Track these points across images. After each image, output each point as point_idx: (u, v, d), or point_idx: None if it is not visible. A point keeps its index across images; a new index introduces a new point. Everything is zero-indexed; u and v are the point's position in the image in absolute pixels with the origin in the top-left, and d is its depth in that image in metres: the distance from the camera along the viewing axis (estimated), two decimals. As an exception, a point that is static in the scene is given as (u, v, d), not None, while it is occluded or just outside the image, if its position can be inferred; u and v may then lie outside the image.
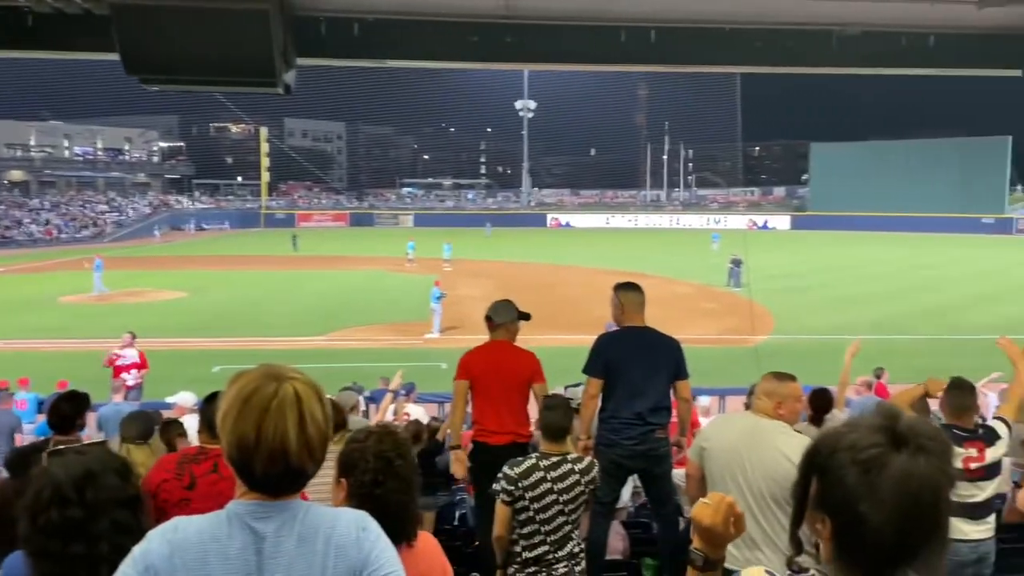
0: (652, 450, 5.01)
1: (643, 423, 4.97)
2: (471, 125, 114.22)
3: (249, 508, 1.70)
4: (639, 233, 69.15)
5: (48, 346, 18.95)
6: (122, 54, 4.30)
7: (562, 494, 3.89)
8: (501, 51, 5.36)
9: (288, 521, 1.70)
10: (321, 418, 1.71)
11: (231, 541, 1.66)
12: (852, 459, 1.31)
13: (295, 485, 1.73)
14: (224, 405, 1.70)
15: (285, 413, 1.66)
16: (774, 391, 3.83)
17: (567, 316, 21.91)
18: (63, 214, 65.31)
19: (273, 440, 1.64)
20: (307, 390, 1.71)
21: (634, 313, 5.24)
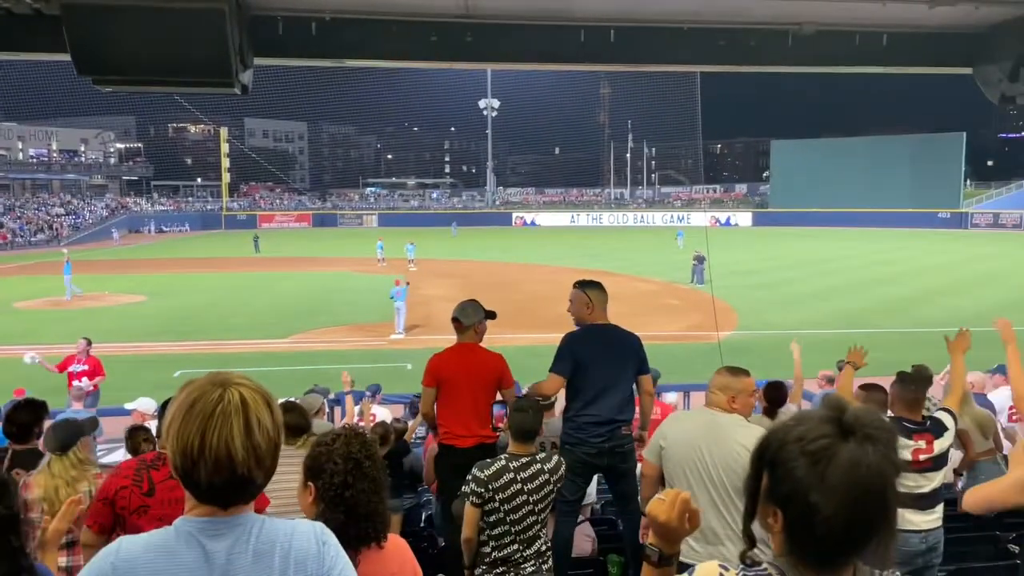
0: (618, 447, 5.04)
1: (610, 421, 4.99)
2: (435, 124, 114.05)
3: (200, 525, 1.63)
4: (603, 231, 69.57)
5: (3, 352, 18.50)
6: (73, 55, 4.21)
7: (532, 494, 3.90)
8: (461, 50, 5.35)
9: (242, 537, 1.64)
10: (270, 425, 1.64)
11: (181, 560, 1.59)
12: (801, 450, 1.33)
13: (243, 495, 1.65)
14: (169, 413, 1.65)
15: (230, 420, 1.60)
16: (728, 385, 3.88)
17: (532, 315, 21.96)
18: (18, 217, 63.79)
19: (218, 448, 1.58)
20: (254, 396, 1.65)
21: (600, 311, 5.26)
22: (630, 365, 5.14)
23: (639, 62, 5.58)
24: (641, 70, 6.52)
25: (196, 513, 1.64)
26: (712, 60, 5.69)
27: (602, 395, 5.01)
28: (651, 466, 3.98)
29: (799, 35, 5.57)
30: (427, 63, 5.71)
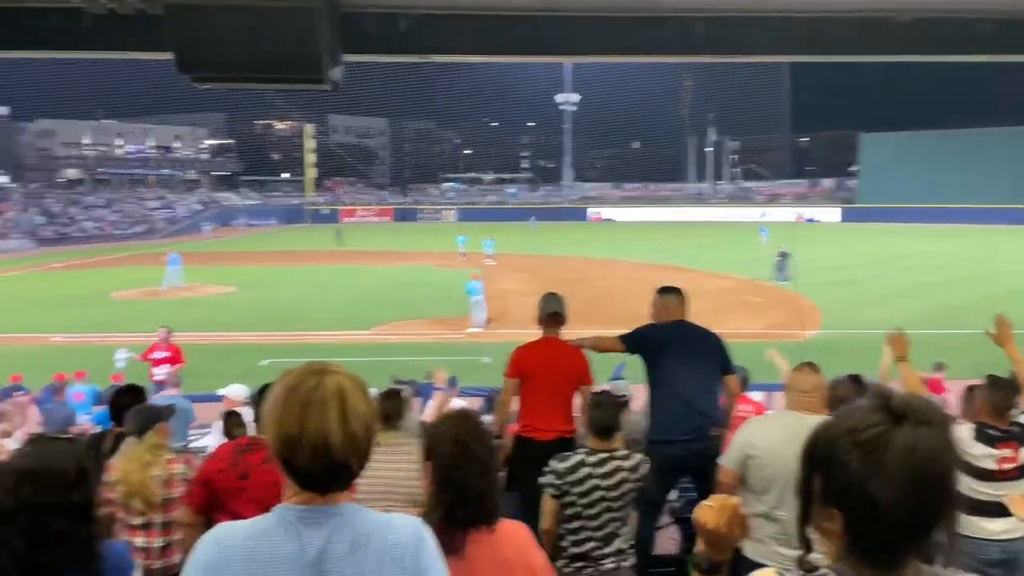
0: (706, 449, 4.87)
1: (696, 418, 4.89)
2: (513, 119, 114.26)
3: (298, 513, 1.67)
4: (682, 227, 68.55)
5: (102, 340, 19.46)
6: (175, 53, 4.39)
7: (609, 491, 3.87)
8: (545, 44, 5.35)
9: (340, 527, 1.67)
10: (364, 413, 1.68)
11: (279, 547, 1.64)
12: (854, 442, 1.29)
13: (340, 482, 1.69)
14: (269, 401, 1.69)
15: (328, 407, 1.63)
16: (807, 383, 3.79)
17: (603, 311, 21.81)
18: (116, 211, 66.98)
19: (315, 435, 1.62)
20: (351, 384, 1.69)
21: (676, 313, 5.22)
22: (711, 361, 5.05)
23: (728, 53, 5.46)
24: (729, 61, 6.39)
25: (295, 500, 1.68)
26: (807, 50, 5.52)
27: (684, 390, 4.93)
28: (732, 474, 3.87)
29: (895, 23, 5.36)
30: (510, 57, 5.72)
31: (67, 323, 22.81)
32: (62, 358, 16.17)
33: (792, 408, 3.83)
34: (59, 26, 5.58)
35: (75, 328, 21.88)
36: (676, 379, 4.98)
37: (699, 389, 4.96)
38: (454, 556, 2.43)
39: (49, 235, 56.83)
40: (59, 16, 5.55)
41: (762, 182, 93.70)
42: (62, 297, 28.71)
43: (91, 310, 25.39)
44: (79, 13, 5.35)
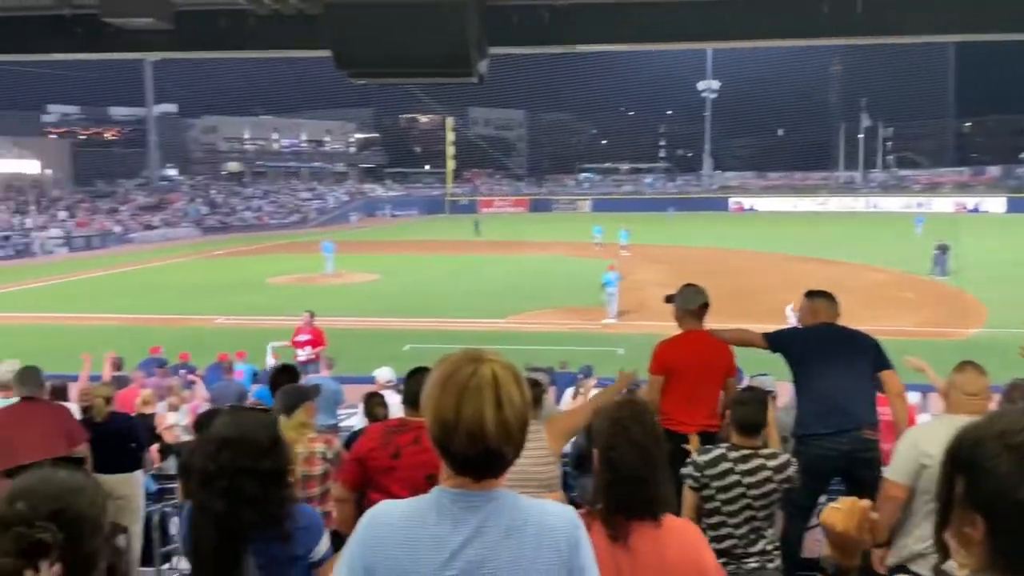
0: (860, 451, 4.60)
1: (846, 418, 4.62)
2: (650, 108, 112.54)
3: (453, 496, 1.70)
4: (830, 217, 65.36)
5: (259, 322, 20.76)
6: (333, 51, 4.63)
7: (751, 488, 3.75)
8: (690, 30, 5.25)
9: (495, 512, 1.69)
10: (519, 401, 1.69)
11: (434, 528, 1.68)
12: (1005, 445, 1.21)
13: (493, 469, 1.70)
14: (426, 387, 1.74)
15: (483, 394, 1.66)
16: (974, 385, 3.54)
17: (745, 303, 21.13)
18: (272, 201, 71.15)
19: (471, 421, 1.65)
20: (505, 372, 1.70)
21: (824, 316, 4.99)
22: (863, 359, 4.77)
23: (892, 34, 5.16)
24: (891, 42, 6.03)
25: (451, 484, 1.72)
26: (980, 28, 5.14)
27: (832, 389, 4.69)
28: (904, 489, 3.61)
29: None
30: (655, 45, 5.65)
31: (228, 306, 24.49)
32: (223, 339, 17.41)
33: (956, 411, 3.59)
34: (226, 28, 5.99)
35: (236, 311, 23.46)
36: (823, 380, 4.76)
37: (848, 390, 4.70)
38: (620, 546, 2.45)
39: (213, 224, 61.13)
40: (227, 18, 5.97)
41: (919, 170, 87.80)
42: (224, 283, 30.84)
43: (249, 295, 27.15)
44: (245, 15, 5.73)
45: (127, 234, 52.67)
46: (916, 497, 3.60)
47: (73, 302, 26.85)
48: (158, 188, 66.40)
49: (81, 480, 1.72)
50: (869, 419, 4.69)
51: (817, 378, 4.80)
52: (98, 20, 5.46)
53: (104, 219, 54.12)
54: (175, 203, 62.80)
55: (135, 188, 64.32)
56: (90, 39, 6.00)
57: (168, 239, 54.32)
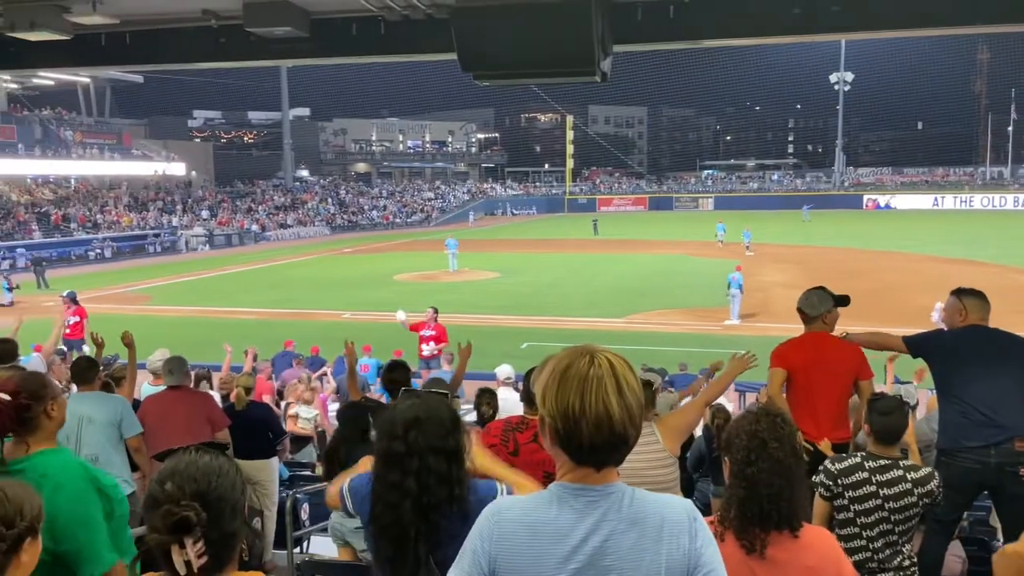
0: (1009, 464, 4.28)
1: (995, 429, 4.31)
2: (778, 102, 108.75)
3: (575, 490, 1.72)
4: (975, 215, 61.18)
5: (385, 318, 21.44)
6: (459, 53, 4.72)
7: (889, 500, 3.56)
8: (827, 21, 5.02)
9: (615, 504, 1.71)
10: (636, 387, 1.72)
11: (557, 521, 1.70)
12: None
13: (618, 455, 1.73)
14: (542, 382, 1.75)
15: (604, 382, 1.69)
16: None
17: (884, 305, 20.06)
18: (397, 201, 73.33)
19: (597, 407, 1.67)
20: (619, 361, 1.74)
21: (975, 317, 4.63)
22: (1017, 364, 4.41)
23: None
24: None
25: (569, 478, 1.73)
26: None
27: (981, 396, 4.35)
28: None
29: None
30: (789, 38, 5.45)
31: (355, 302, 25.43)
32: (351, 334, 18.03)
33: None
34: (359, 34, 6.22)
35: (362, 307, 24.33)
36: (970, 388, 4.43)
37: (998, 398, 4.37)
38: (756, 557, 2.42)
39: (341, 223, 63.62)
40: (359, 24, 6.19)
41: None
42: (351, 279, 32.05)
43: (375, 290, 28.09)
44: (377, 21, 5.93)
45: (264, 232, 55.57)
46: None
47: (214, 296, 28.58)
48: (292, 188, 69.66)
49: (223, 464, 1.84)
50: (1022, 430, 4.35)
51: (964, 385, 4.48)
52: (241, 30, 5.79)
53: (243, 218, 57.29)
54: (307, 203, 65.72)
55: (271, 188, 67.71)
56: (234, 48, 6.37)
57: (300, 237, 56.97)
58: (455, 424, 2.55)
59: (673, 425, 4.30)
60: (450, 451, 2.49)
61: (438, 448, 2.46)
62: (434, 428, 2.48)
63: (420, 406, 2.55)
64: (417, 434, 2.46)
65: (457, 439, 2.53)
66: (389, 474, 2.47)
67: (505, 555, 1.73)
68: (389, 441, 2.49)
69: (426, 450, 2.45)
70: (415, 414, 2.51)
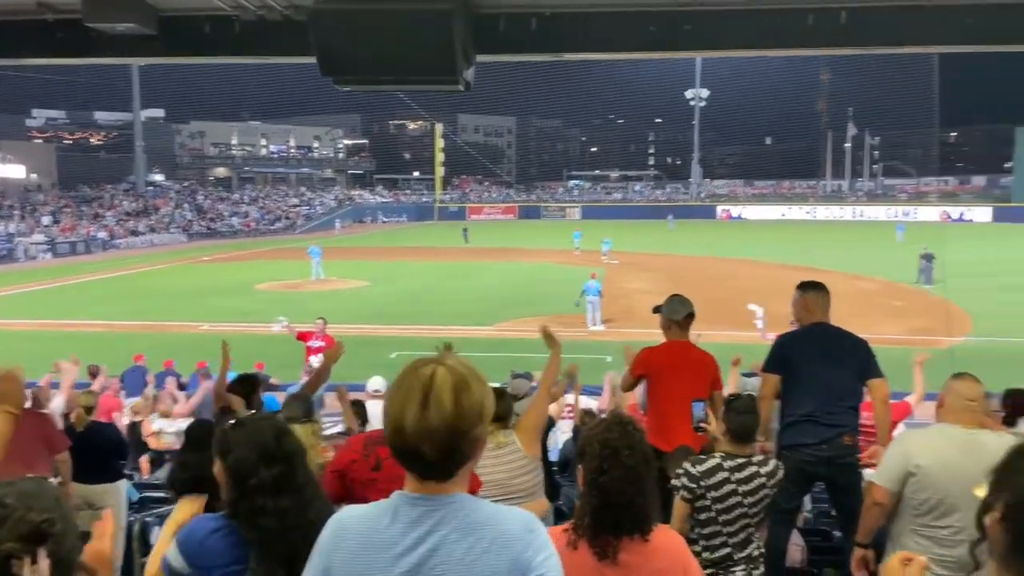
0: (839, 457, 4.67)
1: (827, 426, 4.66)
2: (640, 116, 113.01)
3: (410, 499, 1.73)
4: (818, 226, 65.67)
5: (246, 329, 20.61)
6: (318, 57, 4.59)
7: (746, 496, 3.74)
8: (680, 40, 5.23)
9: (449, 515, 1.70)
10: (448, 405, 1.65)
11: (389, 530, 1.71)
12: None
13: (424, 471, 1.70)
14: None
15: (414, 394, 1.66)
16: (971, 394, 3.54)
17: (735, 312, 21.18)
18: (260, 207, 70.89)
19: (395, 417, 1.67)
20: (447, 376, 1.68)
21: (820, 313, 4.96)
22: (849, 367, 4.76)
23: (874, 45, 5.16)
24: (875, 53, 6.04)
25: (409, 488, 1.74)
26: (957, 41, 5.15)
27: (816, 397, 4.70)
28: (889, 494, 3.61)
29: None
30: (646, 54, 5.64)
31: (214, 312, 24.33)
32: (209, 346, 17.24)
33: (951, 419, 3.58)
34: (212, 33, 5.94)
35: (222, 317, 23.31)
36: (807, 388, 4.76)
37: (831, 396, 4.71)
38: (608, 563, 2.45)
39: (199, 230, 60.81)
40: (212, 24, 5.91)
41: (905, 179, 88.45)
42: (209, 288, 30.65)
43: (236, 300, 26.99)
44: (231, 21, 5.68)
45: (112, 240, 52.31)
46: (902, 506, 3.59)
47: (57, 308, 26.61)
48: (144, 193, 65.99)
49: (46, 488, 1.73)
50: (851, 425, 4.73)
51: (800, 385, 4.79)
52: (81, 25, 5.40)
53: (89, 224, 53.73)
54: (161, 208, 62.45)
55: (121, 193, 63.86)
56: (73, 44, 5.94)
57: (154, 245, 54.00)
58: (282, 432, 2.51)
59: (527, 427, 4.35)
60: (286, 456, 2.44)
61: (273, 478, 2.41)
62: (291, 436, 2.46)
63: (268, 421, 2.51)
64: (290, 443, 2.45)
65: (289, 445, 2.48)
66: (279, 504, 2.36)
67: (336, 563, 1.74)
68: (267, 468, 2.39)
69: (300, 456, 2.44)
70: (276, 426, 2.48)
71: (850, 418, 4.73)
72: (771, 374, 4.93)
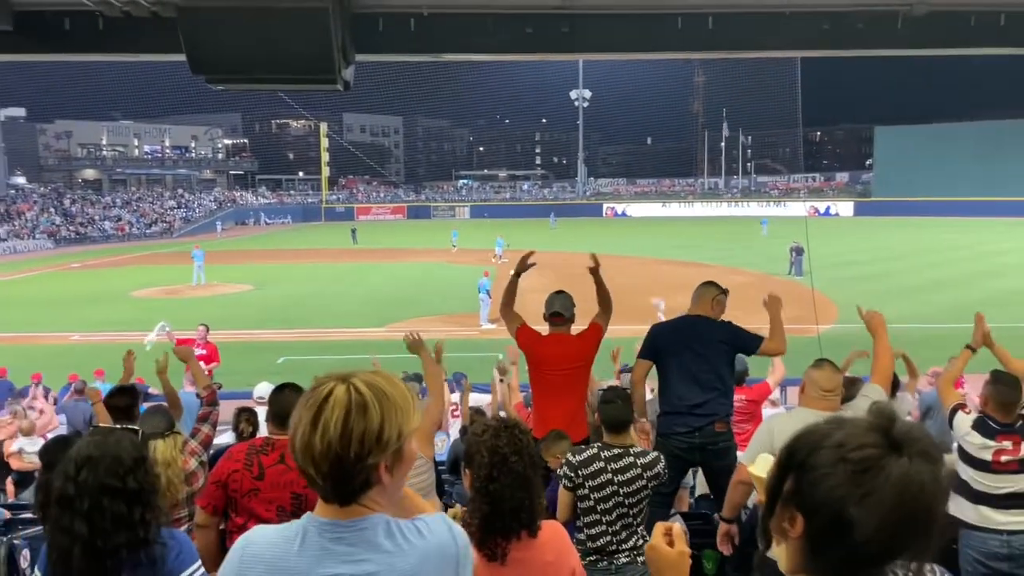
0: (711, 443, 4.91)
1: (698, 415, 4.89)
2: (526, 116, 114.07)
3: (320, 525, 1.63)
4: (696, 221, 68.26)
5: (122, 338, 19.61)
6: (188, 55, 4.44)
7: (622, 486, 3.87)
8: (557, 42, 5.35)
9: (364, 541, 1.61)
10: (334, 431, 1.56)
11: (299, 559, 1.61)
12: (841, 458, 1.22)
13: (323, 492, 1.62)
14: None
15: (309, 412, 1.59)
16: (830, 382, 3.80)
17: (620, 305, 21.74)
18: (134, 211, 67.46)
19: (291, 434, 1.61)
20: (342, 398, 1.58)
21: (696, 304, 5.23)
22: (719, 353, 5.01)
23: (739, 49, 5.45)
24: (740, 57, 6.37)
25: (319, 511, 1.65)
26: (815, 45, 5.51)
27: (686, 386, 4.94)
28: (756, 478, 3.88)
29: (910, 16, 5.32)
30: (523, 55, 5.73)
31: (86, 322, 23.01)
32: (81, 357, 16.33)
33: (810, 406, 3.82)
34: (76, 29, 5.65)
35: (94, 327, 22.08)
36: (677, 377, 4.99)
37: (700, 385, 4.93)
38: (497, 563, 2.46)
39: (68, 235, 57.33)
40: (76, 19, 5.62)
41: (776, 177, 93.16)
42: (81, 296, 28.96)
43: (110, 309, 25.62)
44: (95, 16, 5.41)
45: (-31, 247, 48.71)
46: None
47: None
48: (5, 198, 61.63)
49: None
50: (722, 412, 4.96)
51: (671, 375, 5.01)
52: (-76, 17, 5.03)
53: (-58, 231, 49.84)
54: (25, 213, 58.48)
55: (-22, 197, 59.50)
56: (-84, 38, 5.51)
57: (17, 252, 50.55)
58: (137, 463, 2.37)
59: (422, 430, 4.36)
60: (130, 492, 2.30)
61: (113, 488, 2.28)
62: (109, 466, 2.30)
63: (96, 443, 2.36)
64: (88, 473, 2.28)
65: (140, 479, 2.35)
66: (61, 517, 2.27)
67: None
68: (63, 482, 2.29)
69: (97, 490, 2.27)
70: (88, 452, 2.33)
71: (719, 405, 4.96)
72: (643, 360, 5.18)
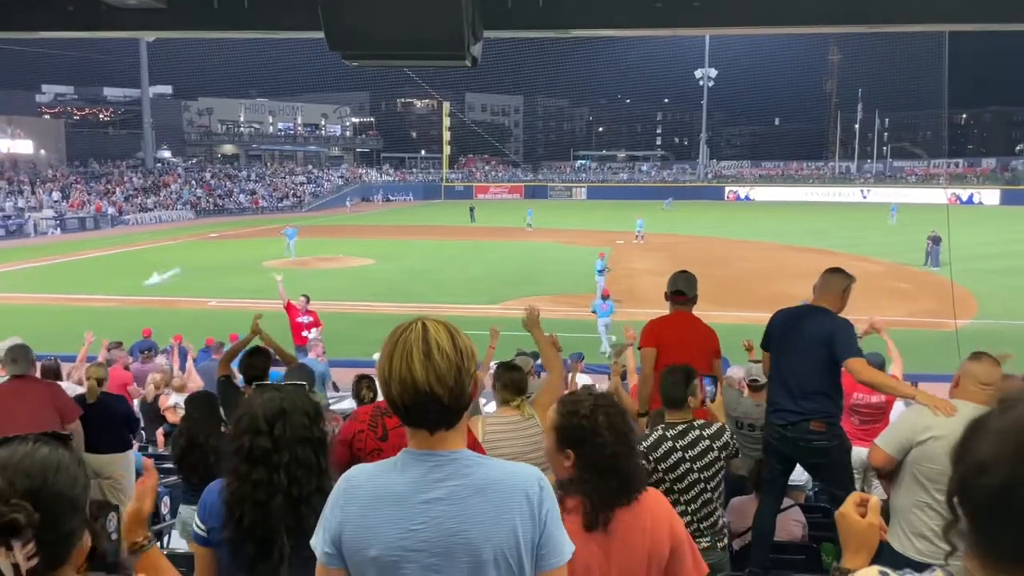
0: (802, 439, 4.61)
1: (791, 411, 4.64)
2: (647, 95, 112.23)
3: (416, 455, 1.79)
4: (825, 207, 65.39)
5: (254, 305, 20.71)
6: (326, 32, 4.61)
7: (695, 461, 3.77)
8: (688, 16, 5.22)
9: (459, 470, 1.77)
10: (449, 349, 1.76)
11: (400, 487, 1.77)
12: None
13: (436, 416, 1.76)
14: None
15: (411, 345, 1.75)
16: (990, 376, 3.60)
17: (741, 292, 21.22)
18: (267, 185, 70.84)
19: (400, 368, 1.75)
20: (436, 326, 1.80)
21: (819, 294, 4.91)
22: (817, 351, 4.59)
23: (887, 22, 5.13)
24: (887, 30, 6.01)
25: (413, 444, 1.81)
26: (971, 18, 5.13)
27: (781, 378, 4.73)
28: (886, 458, 3.70)
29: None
30: (652, 30, 5.63)
31: (222, 289, 24.44)
32: (217, 322, 17.38)
33: (966, 398, 3.63)
34: (221, 7, 5.95)
35: (229, 294, 23.42)
36: (781, 367, 4.76)
37: (794, 380, 4.64)
38: (599, 531, 2.44)
39: (207, 207, 60.88)
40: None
41: (915, 161, 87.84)
42: (218, 265, 30.75)
43: (244, 277, 27.08)
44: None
45: (121, 216, 52.44)
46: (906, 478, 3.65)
47: (67, 283, 26.76)
48: (153, 170, 66.00)
49: (63, 458, 1.61)
50: (820, 410, 4.62)
51: (777, 364, 4.81)
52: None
53: (98, 200, 53.85)
54: (170, 185, 62.50)
55: (129, 170, 63.89)
56: (83, 17, 5.96)
57: (163, 221, 54.13)
58: (318, 414, 2.54)
59: (545, 404, 4.39)
60: (316, 441, 2.47)
61: (305, 439, 2.44)
62: (299, 419, 2.46)
63: (283, 398, 2.50)
64: (284, 427, 2.43)
65: (321, 428, 2.52)
66: (254, 472, 2.41)
67: (349, 520, 1.79)
68: (253, 437, 2.43)
69: (294, 442, 2.42)
70: (280, 406, 2.46)
71: (816, 404, 4.62)
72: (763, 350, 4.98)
